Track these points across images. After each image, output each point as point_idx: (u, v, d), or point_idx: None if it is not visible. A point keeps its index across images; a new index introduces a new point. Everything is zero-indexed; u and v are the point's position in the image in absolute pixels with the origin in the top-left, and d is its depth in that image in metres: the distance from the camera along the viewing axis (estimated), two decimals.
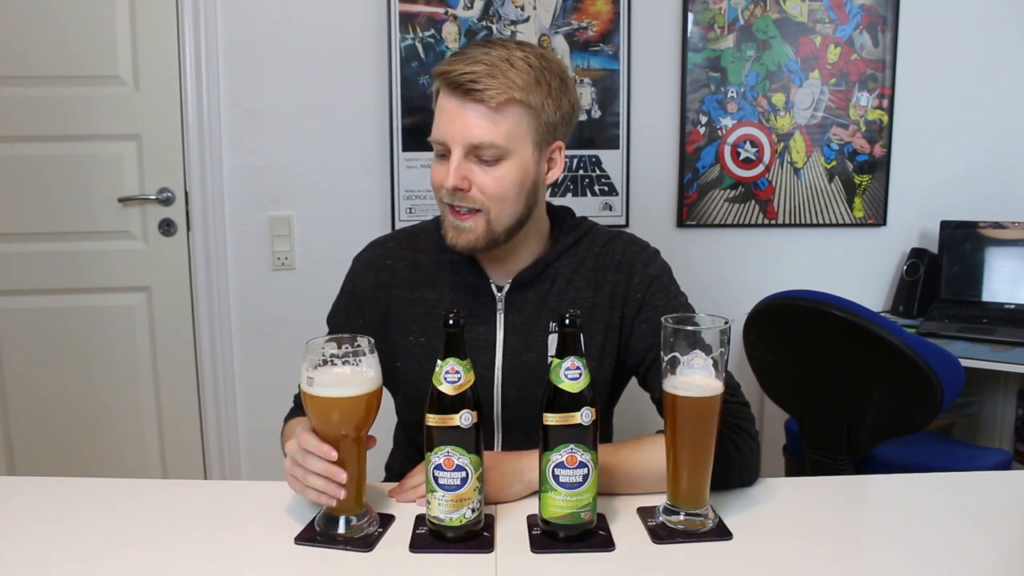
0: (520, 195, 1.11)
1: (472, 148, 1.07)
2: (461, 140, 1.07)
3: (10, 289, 2.34)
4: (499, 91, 1.05)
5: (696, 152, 2.47)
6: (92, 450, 2.40)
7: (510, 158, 1.09)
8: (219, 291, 2.37)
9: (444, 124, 1.08)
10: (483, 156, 1.08)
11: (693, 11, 2.41)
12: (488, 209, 1.10)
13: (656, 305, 1.17)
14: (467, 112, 1.06)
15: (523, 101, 1.07)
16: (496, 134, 1.06)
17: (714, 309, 1.01)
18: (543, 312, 1.18)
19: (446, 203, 1.11)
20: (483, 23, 2.34)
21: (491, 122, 1.06)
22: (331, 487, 0.94)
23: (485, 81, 1.05)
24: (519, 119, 1.08)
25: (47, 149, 2.30)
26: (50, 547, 0.94)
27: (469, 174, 1.09)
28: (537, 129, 1.10)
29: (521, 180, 1.10)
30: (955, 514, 1.03)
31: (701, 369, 0.94)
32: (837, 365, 1.76)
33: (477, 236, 1.11)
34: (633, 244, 1.23)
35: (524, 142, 1.09)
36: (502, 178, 1.09)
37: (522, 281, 1.18)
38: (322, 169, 2.37)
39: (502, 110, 1.06)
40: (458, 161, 1.08)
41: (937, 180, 2.55)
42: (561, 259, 1.20)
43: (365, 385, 0.94)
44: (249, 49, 2.31)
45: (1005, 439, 2.49)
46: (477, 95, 1.05)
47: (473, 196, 1.09)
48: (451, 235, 1.12)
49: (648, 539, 0.95)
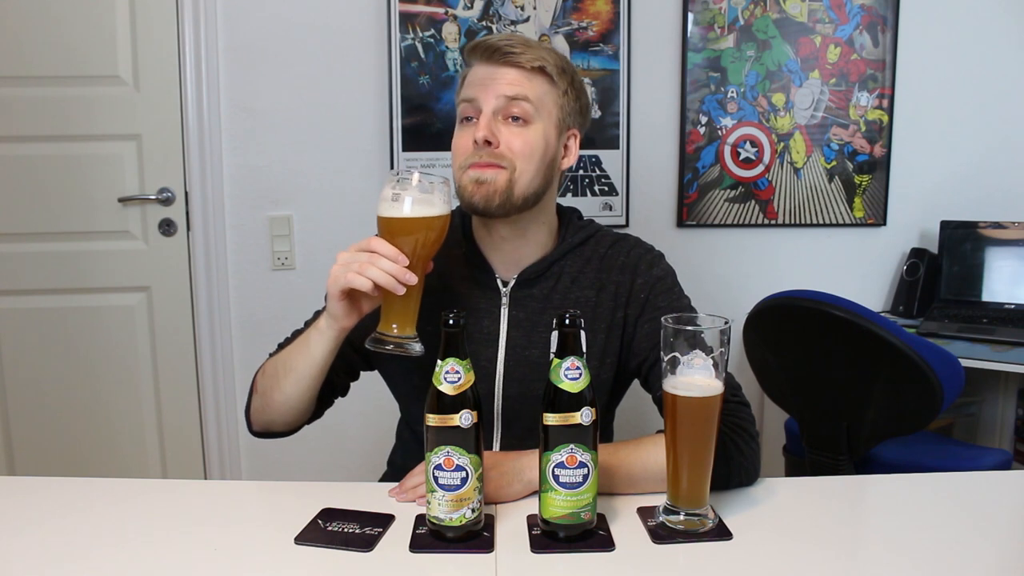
0: (542, 163, 1.14)
1: (504, 102, 1.11)
2: (495, 94, 1.11)
3: (10, 289, 2.34)
4: (533, 57, 1.12)
5: (696, 152, 2.47)
6: (92, 450, 2.41)
7: (536, 122, 1.13)
8: (219, 291, 2.37)
9: (474, 86, 1.13)
10: (513, 113, 1.12)
11: (693, 11, 2.41)
12: (513, 166, 1.11)
13: (659, 306, 1.18)
14: (502, 73, 1.12)
15: (551, 75, 1.14)
16: (529, 89, 1.12)
17: (714, 309, 1.01)
18: (547, 309, 1.18)
19: (467, 165, 1.13)
20: (483, 23, 2.34)
21: (525, 79, 1.12)
22: (402, 273, 0.97)
23: (521, 46, 1.12)
24: (547, 90, 1.14)
25: (47, 149, 2.30)
26: (50, 547, 0.94)
27: (497, 132, 1.11)
28: (561, 107, 1.16)
29: (544, 148, 1.14)
30: (955, 514, 1.03)
31: (701, 369, 0.94)
32: (837, 365, 1.76)
33: (497, 189, 1.11)
34: (638, 246, 1.25)
35: (548, 114, 1.15)
36: (529, 138, 1.12)
37: (527, 277, 1.19)
38: (322, 169, 2.37)
39: (534, 76, 1.13)
40: (489, 116, 1.11)
41: (937, 180, 2.55)
42: (567, 257, 1.21)
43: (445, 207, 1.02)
44: (249, 49, 2.31)
45: (1005, 439, 2.49)
46: (513, 58, 1.11)
47: (501, 152, 1.11)
48: (470, 189, 1.12)
49: (648, 539, 0.95)
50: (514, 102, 1.11)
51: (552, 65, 1.14)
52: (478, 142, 1.11)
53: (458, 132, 1.16)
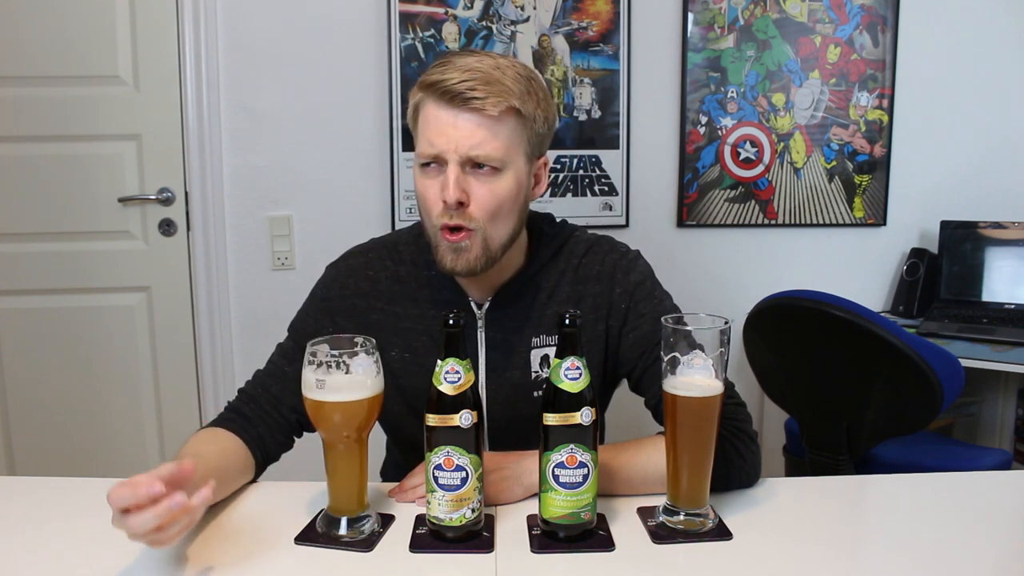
0: (513, 210, 1.07)
1: (469, 160, 1.02)
2: (459, 151, 1.01)
3: (10, 289, 2.34)
4: (499, 99, 1.00)
5: (696, 152, 2.47)
6: (92, 450, 2.40)
7: (506, 170, 1.04)
8: (219, 291, 2.37)
9: (437, 135, 1.02)
10: (480, 168, 1.03)
11: (693, 11, 2.41)
12: (483, 227, 1.04)
13: (641, 313, 1.15)
14: (464, 122, 1.01)
15: (519, 110, 1.03)
16: (495, 145, 1.02)
17: (714, 309, 1.01)
18: (525, 328, 1.15)
19: (439, 226, 1.05)
20: (483, 23, 2.34)
21: (490, 132, 1.01)
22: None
23: (483, 89, 1.00)
24: (515, 129, 1.04)
25: (48, 149, 2.30)
26: (50, 547, 0.94)
27: (467, 187, 1.03)
28: (529, 140, 1.07)
29: (516, 193, 1.06)
30: (955, 514, 1.03)
31: (701, 369, 0.94)
32: (837, 365, 1.76)
33: (476, 255, 1.05)
34: (612, 252, 1.19)
35: (518, 153, 1.06)
36: (499, 191, 1.04)
37: (502, 298, 1.15)
38: (322, 169, 2.37)
39: (501, 119, 1.02)
40: (456, 173, 1.02)
41: (937, 180, 2.55)
42: (541, 273, 1.17)
43: (368, 389, 0.93)
44: (249, 49, 2.31)
45: (1005, 439, 2.49)
46: (476, 103, 1.00)
47: (470, 212, 1.04)
48: (449, 259, 1.06)
49: (648, 539, 0.95)
50: (479, 160, 1.02)
51: (517, 97, 1.02)
52: (448, 204, 1.02)
53: (421, 178, 1.06)
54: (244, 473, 1.09)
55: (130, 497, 0.79)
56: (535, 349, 1.15)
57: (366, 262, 1.20)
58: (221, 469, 1.02)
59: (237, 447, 1.10)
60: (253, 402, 1.15)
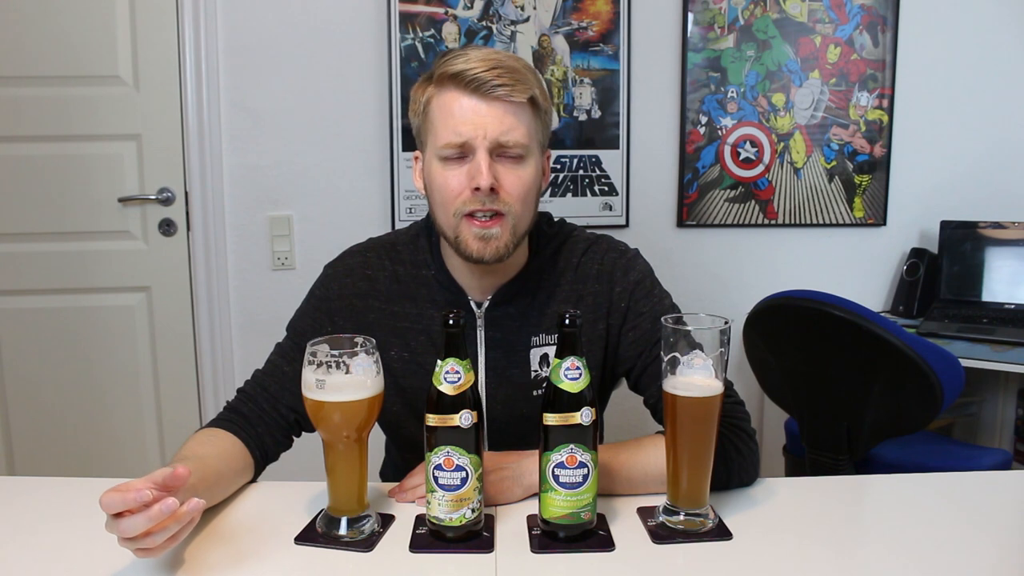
0: (536, 198, 1.10)
1: (498, 146, 1.04)
2: (489, 137, 1.03)
3: (10, 289, 2.34)
4: (524, 87, 1.04)
5: (696, 152, 2.47)
6: (92, 450, 2.41)
7: (529, 157, 1.07)
8: (219, 291, 2.37)
9: (463, 124, 1.03)
10: (509, 154, 1.05)
11: (693, 11, 2.41)
12: (512, 212, 1.05)
13: (641, 312, 1.15)
14: (492, 109, 1.03)
15: (537, 101, 1.07)
16: (522, 132, 1.05)
17: (714, 309, 1.01)
18: (524, 327, 1.15)
19: (464, 213, 1.05)
20: (483, 23, 2.34)
21: (516, 119, 1.04)
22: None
23: (509, 76, 1.03)
24: (533, 118, 1.07)
25: (47, 149, 2.30)
26: (50, 547, 0.94)
27: (496, 174, 1.04)
28: (543, 131, 1.10)
29: (537, 182, 1.09)
30: (955, 514, 1.03)
31: (701, 369, 0.94)
32: (837, 365, 1.76)
33: (505, 242, 1.06)
34: (612, 251, 1.20)
35: (536, 143, 1.09)
36: (525, 178, 1.06)
37: (502, 297, 1.15)
38: (322, 169, 2.37)
39: (523, 108, 1.05)
40: (488, 160, 1.03)
41: (937, 180, 2.55)
42: (540, 272, 1.17)
43: (368, 389, 0.93)
44: (249, 49, 2.31)
45: (1005, 439, 2.49)
46: (503, 91, 1.02)
47: (503, 198, 1.05)
48: (476, 248, 1.06)
49: (648, 539, 0.95)
50: (507, 146, 1.04)
51: (536, 87, 1.06)
52: (482, 189, 1.03)
53: (442, 170, 1.06)
54: (243, 473, 1.09)
55: (120, 502, 0.79)
56: (535, 348, 1.16)
57: (364, 261, 1.20)
58: (220, 470, 1.03)
59: (236, 447, 1.09)
60: (252, 402, 1.15)
